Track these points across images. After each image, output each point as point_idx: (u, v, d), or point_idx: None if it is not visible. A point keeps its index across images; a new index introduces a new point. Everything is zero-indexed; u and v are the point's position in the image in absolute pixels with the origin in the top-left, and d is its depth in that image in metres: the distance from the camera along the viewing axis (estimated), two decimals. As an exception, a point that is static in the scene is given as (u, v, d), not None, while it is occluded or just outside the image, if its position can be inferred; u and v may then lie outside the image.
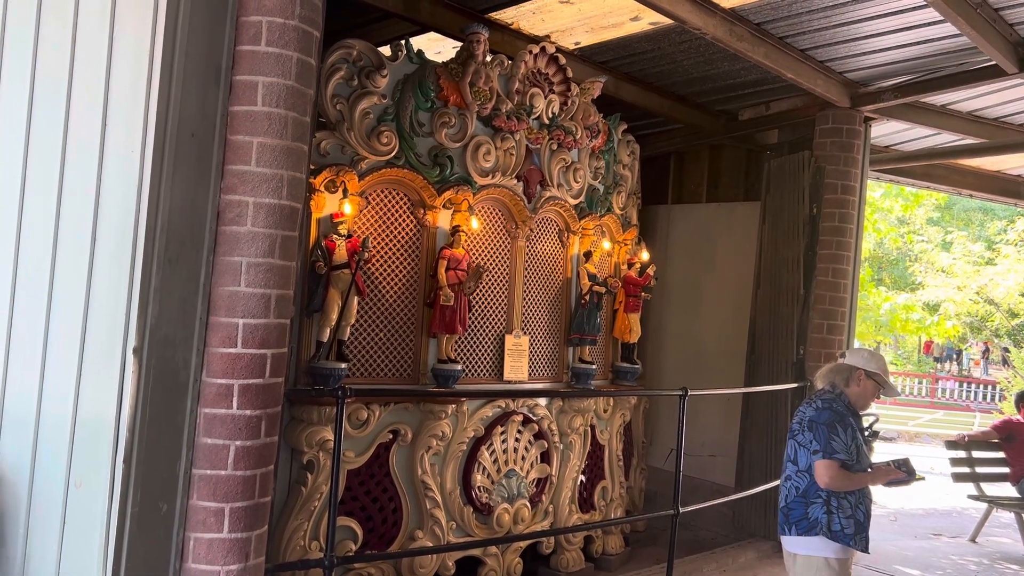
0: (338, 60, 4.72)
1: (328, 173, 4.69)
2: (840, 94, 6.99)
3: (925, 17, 5.56)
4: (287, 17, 3.47)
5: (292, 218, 3.56)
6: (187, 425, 3.37)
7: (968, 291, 19.62)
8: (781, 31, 5.99)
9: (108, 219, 3.42)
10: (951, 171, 9.67)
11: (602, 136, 6.33)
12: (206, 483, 3.37)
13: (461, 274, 5.20)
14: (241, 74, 3.46)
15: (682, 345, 8.52)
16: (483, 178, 5.45)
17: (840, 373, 4.16)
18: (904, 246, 21.65)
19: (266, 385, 3.48)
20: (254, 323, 3.43)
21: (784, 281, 7.47)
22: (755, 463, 7.44)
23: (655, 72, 7.06)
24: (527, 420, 5.72)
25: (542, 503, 5.83)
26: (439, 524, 5.15)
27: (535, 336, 5.96)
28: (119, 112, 3.43)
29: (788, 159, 7.60)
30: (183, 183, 3.35)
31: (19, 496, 3.57)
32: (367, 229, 4.98)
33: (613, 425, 6.50)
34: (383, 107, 4.94)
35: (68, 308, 3.49)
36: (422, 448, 5.08)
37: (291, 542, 4.48)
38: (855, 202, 7.32)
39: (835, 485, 3.89)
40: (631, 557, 6.58)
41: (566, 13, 5.93)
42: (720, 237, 8.39)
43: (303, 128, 3.59)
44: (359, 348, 4.96)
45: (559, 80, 5.87)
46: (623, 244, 6.81)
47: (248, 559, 3.43)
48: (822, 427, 3.94)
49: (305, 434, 4.51)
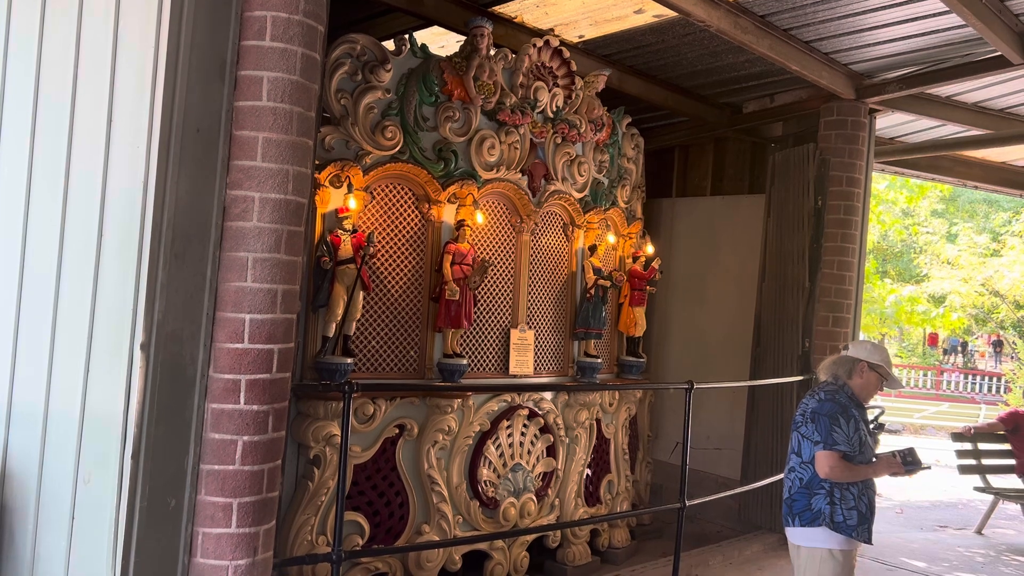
0: (342, 55, 4.71)
1: (333, 168, 4.69)
2: (845, 86, 6.96)
3: (930, 8, 5.54)
4: (291, 12, 3.47)
5: (298, 213, 3.56)
6: (195, 420, 3.38)
7: (973, 283, 19.61)
8: (786, 23, 5.97)
9: (114, 215, 3.42)
10: (956, 163, 9.65)
11: (606, 130, 6.32)
12: (214, 478, 3.38)
13: (466, 268, 5.20)
14: (246, 69, 3.46)
15: (687, 338, 8.52)
16: (487, 172, 5.45)
17: (843, 365, 4.16)
18: (909, 238, 21.63)
19: (273, 380, 3.49)
20: (261, 318, 3.44)
21: (789, 274, 7.46)
22: (761, 456, 7.45)
23: (659, 65, 7.04)
24: (533, 414, 5.73)
25: (548, 497, 5.84)
26: (446, 518, 5.16)
27: (540, 330, 5.96)
28: (124, 108, 3.43)
29: (793, 151, 7.58)
30: (189, 178, 3.35)
31: (28, 492, 3.58)
32: (372, 224, 4.99)
33: (619, 419, 6.51)
34: (387, 102, 4.94)
35: (75, 304, 3.50)
36: (428, 442, 5.09)
37: (299, 537, 4.50)
38: (860, 194, 7.30)
39: (835, 476, 3.89)
40: (637, 550, 6.60)
41: (570, 6, 5.92)
42: (725, 230, 8.38)
43: (308, 123, 3.58)
44: (365, 343, 4.96)
45: (563, 74, 5.86)
46: (628, 238, 6.80)
47: (256, 554, 3.44)
48: (824, 418, 3.94)
49: (312, 429, 4.53)
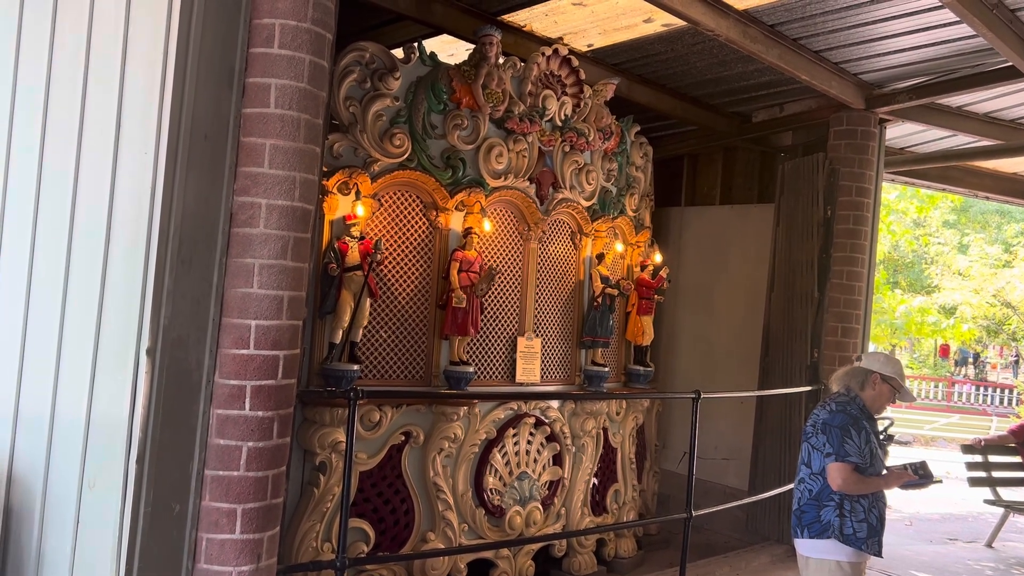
0: (351, 62, 4.73)
1: (341, 175, 4.71)
2: (855, 96, 6.94)
3: (941, 18, 5.52)
4: (300, 20, 3.48)
5: (305, 220, 3.57)
6: (200, 426, 3.38)
7: (985, 294, 19.50)
8: (795, 32, 5.96)
9: (122, 221, 3.44)
10: (967, 173, 9.60)
11: (615, 138, 6.31)
12: (218, 484, 3.38)
13: (473, 276, 5.20)
14: (254, 76, 3.47)
15: (695, 348, 8.49)
16: (495, 180, 5.45)
17: (855, 377, 4.14)
18: (920, 248, 21.53)
19: (278, 386, 3.49)
20: (266, 324, 3.44)
21: (798, 284, 7.43)
22: (769, 466, 7.40)
23: (668, 74, 7.04)
24: (539, 422, 5.71)
25: (554, 506, 5.82)
26: (451, 526, 5.15)
27: (547, 338, 5.95)
28: (133, 114, 3.45)
29: (802, 161, 7.56)
30: (196, 185, 3.37)
31: (33, 496, 3.60)
32: (380, 231, 4.99)
33: (626, 428, 6.48)
34: (396, 109, 4.95)
35: (82, 309, 3.51)
36: (434, 450, 5.08)
37: (303, 543, 4.49)
38: (870, 204, 7.27)
39: (848, 488, 3.87)
40: (644, 560, 6.56)
41: (579, 15, 5.92)
42: (734, 239, 8.35)
43: (316, 130, 3.60)
44: (371, 350, 4.97)
45: (572, 82, 5.86)
46: (636, 246, 6.79)
47: (260, 560, 3.44)
48: (835, 430, 3.92)
49: (317, 436, 4.52)
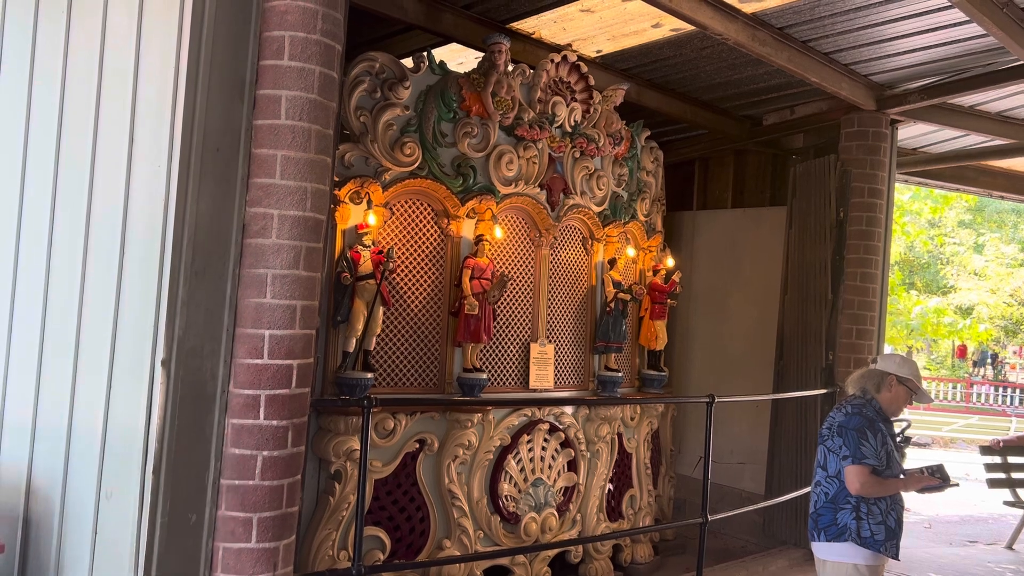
0: (361, 73, 4.76)
1: (352, 184, 4.73)
2: (866, 97, 6.92)
3: (950, 18, 5.50)
4: (309, 31, 3.51)
5: (317, 230, 3.59)
6: (215, 436, 3.40)
7: (1002, 294, 19.35)
8: (804, 35, 5.95)
9: (135, 233, 3.47)
10: (981, 172, 9.54)
11: (625, 143, 6.32)
12: (234, 493, 3.40)
13: (485, 283, 5.21)
14: (265, 88, 3.50)
15: (709, 352, 8.47)
16: (506, 187, 5.47)
17: (871, 379, 4.12)
18: (935, 249, 21.40)
19: (293, 395, 3.51)
20: (280, 334, 3.46)
21: (812, 286, 7.40)
22: (785, 470, 7.37)
23: (677, 78, 7.04)
24: (553, 428, 5.71)
25: (570, 512, 5.81)
26: (467, 533, 5.15)
27: (560, 344, 5.95)
28: (145, 127, 3.48)
29: (814, 163, 7.54)
30: (209, 197, 3.40)
31: (51, 506, 3.62)
32: (392, 240, 5.01)
33: (640, 433, 6.47)
34: (406, 118, 4.98)
35: (97, 321, 3.55)
36: (448, 457, 5.09)
37: (319, 552, 4.51)
38: (883, 205, 7.25)
39: (865, 491, 3.85)
40: (660, 566, 6.54)
41: (587, 21, 5.93)
42: (746, 243, 8.34)
43: (326, 140, 3.62)
44: (385, 358, 4.98)
45: (581, 88, 5.88)
46: (648, 251, 6.79)
47: (276, 568, 3.45)
48: (852, 432, 3.90)
49: (332, 444, 4.54)
